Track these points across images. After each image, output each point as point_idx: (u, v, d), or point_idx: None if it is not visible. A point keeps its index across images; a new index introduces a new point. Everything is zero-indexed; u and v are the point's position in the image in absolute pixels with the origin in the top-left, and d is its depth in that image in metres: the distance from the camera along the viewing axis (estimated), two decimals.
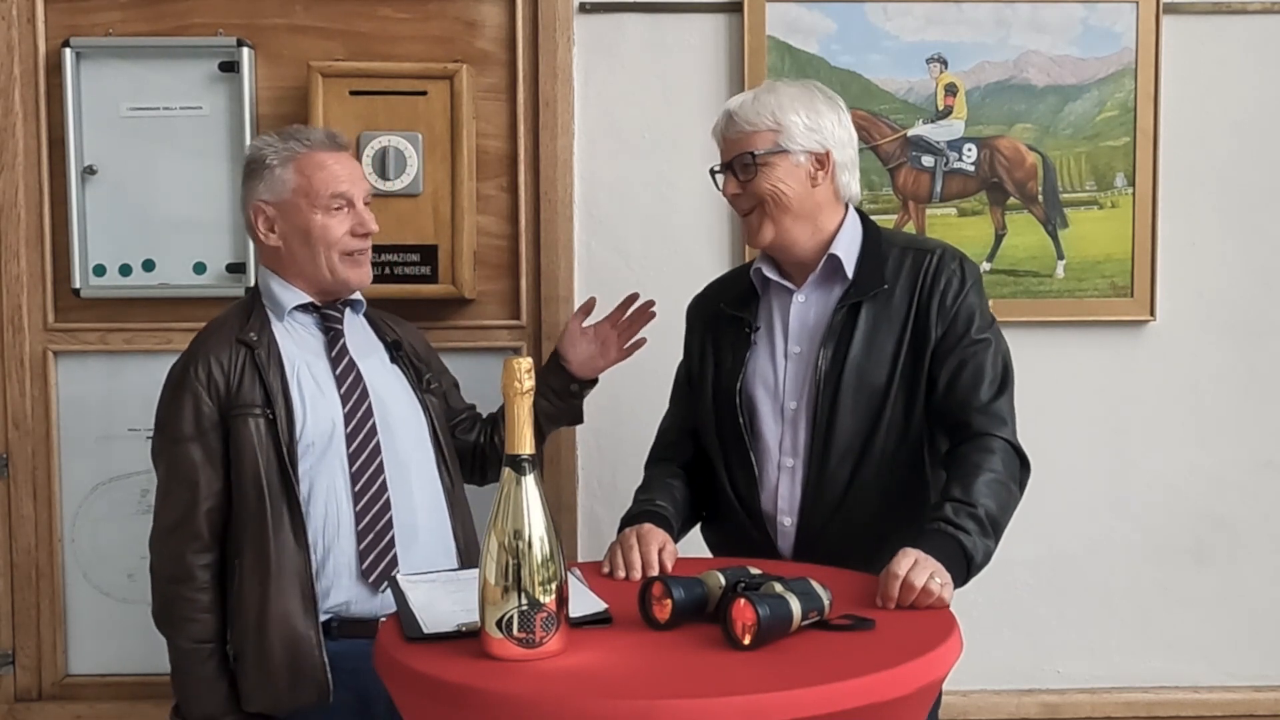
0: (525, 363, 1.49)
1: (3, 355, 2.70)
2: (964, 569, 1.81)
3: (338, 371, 2.07)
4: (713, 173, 2.08)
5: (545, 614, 1.47)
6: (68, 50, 2.62)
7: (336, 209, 2.07)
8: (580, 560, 2.47)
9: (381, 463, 2.05)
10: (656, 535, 1.92)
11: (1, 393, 2.71)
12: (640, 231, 2.74)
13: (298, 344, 2.09)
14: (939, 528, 1.82)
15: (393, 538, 2.03)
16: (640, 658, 1.50)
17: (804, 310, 2.04)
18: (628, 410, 2.75)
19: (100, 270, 2.68)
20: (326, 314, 2.12)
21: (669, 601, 1.59)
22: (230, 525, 2.03)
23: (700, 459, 2.15)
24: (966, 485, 1.87)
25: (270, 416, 2.00)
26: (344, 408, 2.04)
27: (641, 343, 2.35)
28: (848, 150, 2.04)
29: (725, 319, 2.12)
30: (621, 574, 1.87)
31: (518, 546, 1.47)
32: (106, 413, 2.73)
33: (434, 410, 2.17)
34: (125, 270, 2.69)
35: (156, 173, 2.67)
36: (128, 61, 2.65)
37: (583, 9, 2.71)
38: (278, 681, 1.99)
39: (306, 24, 2.68)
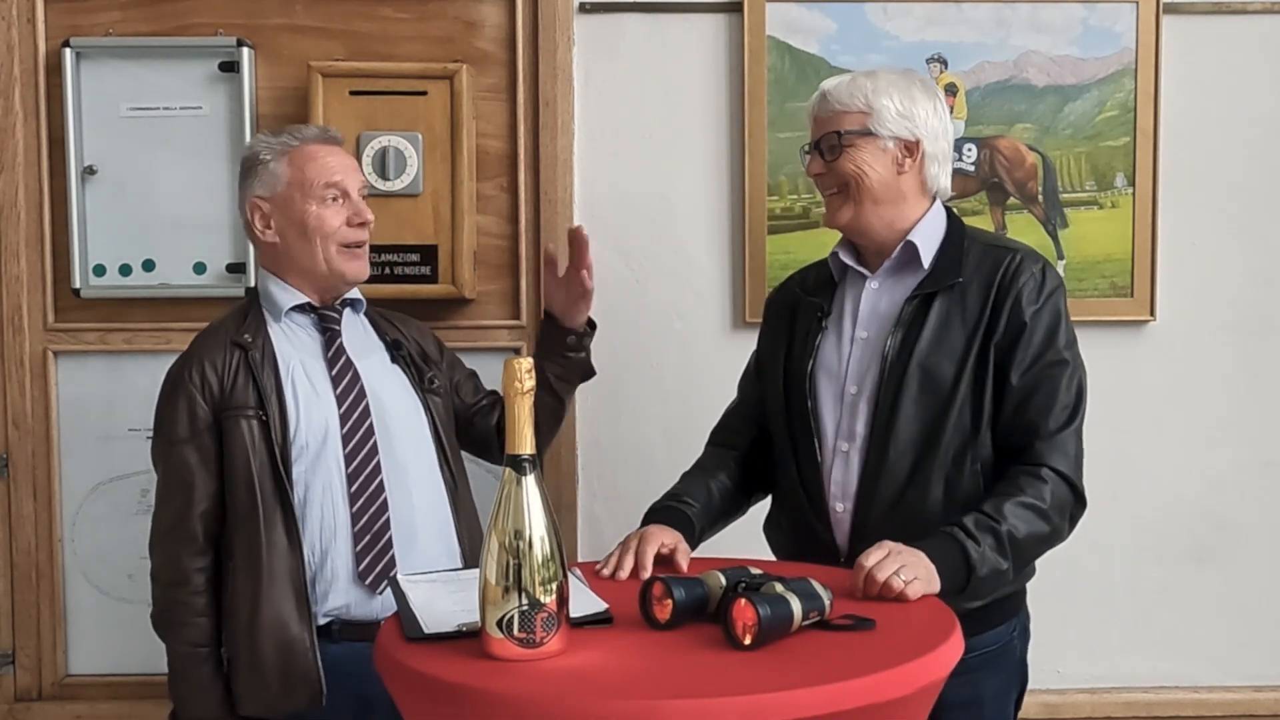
0: (525, 363, 1.49)
1: (3, 355, 2.70)
2: (963, 577, 1.78)
3: (334, 372, 2.07)
4: (802, 151, 2.06)
5: (546, 614, 1.47)
6: (68, 50, 2.62)
7: (332, 200, 2.06)
8: (580, 560, 2.47)
9: (379, 464, 2.04)
10: (658, 536, 1.91)
11: (1, 393, 2.71)
12: (640, 231, 2.74)
13: (294, 345, 2.08)
14: (950, 531, 1.81)
15: (390, 539, 2.02)
16: (640, 658, 1.50)
17: (876, 297, 2.02)
18: (628, 410, 2.76)
19: (100, 270, 2.68)
20: (324, 314, 2.11)
21: (669, 601, 1.58)
22: (225, 528, 2.03)
23: (758, 445, 2.13)
24: (999, 503, 1.84)
25: (263, 418, 2.00)
26: (339, 408, 2.04)
27: (589, 265, 2.21)
28: (940, 142, 2.00)
29: (801, 305, 2.10)
30: (607, 573, 1.86)
31: (518, 546, 1.47)
32: (106, 413, 2.73)
33: (436, 410, 2.16)
34: (125, 270, 2.69)
35: (156, 173, 2.67)
36: (128, 61, 2.65)
37: (583, 9, 2.71)
38: (270, 685, 1.99)
39: (306, 24, 2.68)
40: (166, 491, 2.05)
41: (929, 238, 1.99)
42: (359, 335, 2.16)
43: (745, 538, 2.17)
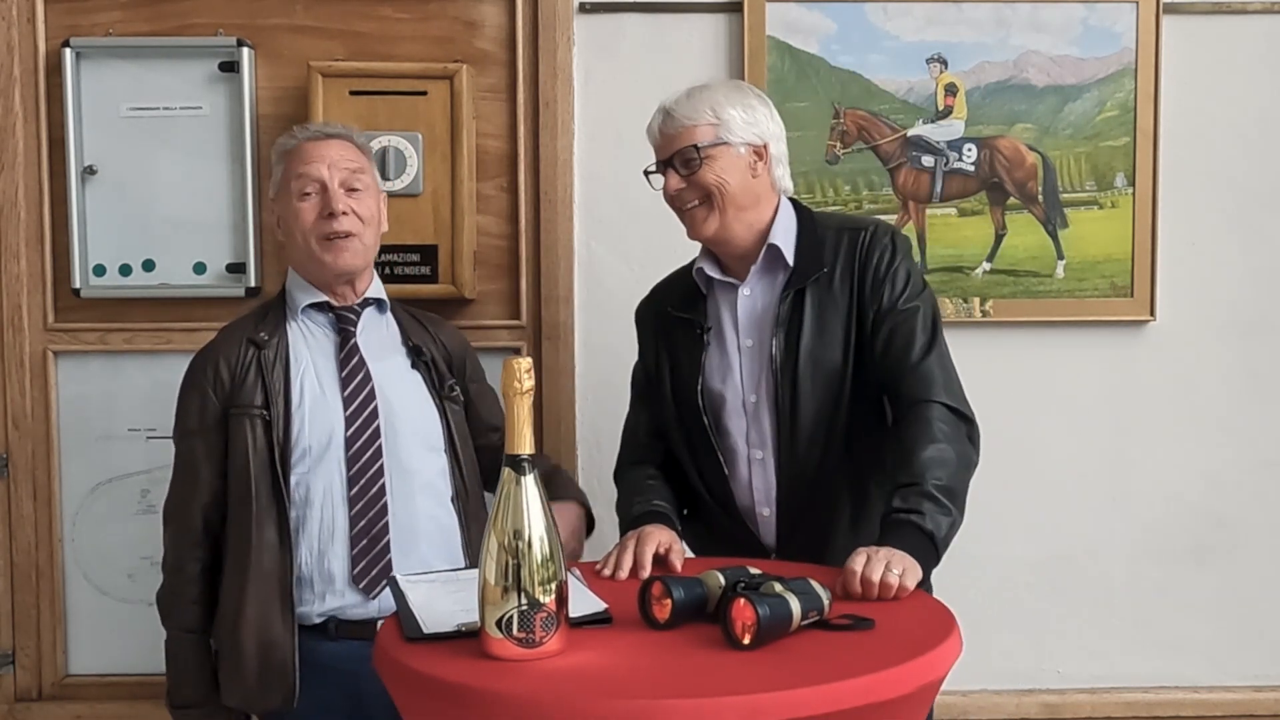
0: (525, 363, 1.49)
1: (3, 355, 2.70)
2: (931, 550, 1.81)
3: (344, 373, 2.07)
4: (648, 174, 2.11)
5: (545, 614, 1.47)
6: (68, 50, 2.62)
7: (306, 193, 2.07)
8: (580, 560, 2.46)
9: (382, 468, 2.04)
10: (656, 536, 1.92)
11: (1, 393, 2.71)
12: (640, 231, 2.74)
13: (309, 345, 2.09)
14: (894, 519, 1.84)
15: (388, 544, 2.03)
16: (640, 658, 1.50)
17: (750, 303, 2.07)
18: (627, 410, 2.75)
19: (100, 270, 2.68)
20: (341, 314, 2.12)
21: (669, 601, 1.59)
22: (224, 521, 2.05)
23: (671, 458, 2.16)
24: (910, 464, 1.87)
25: (267, 418, 2.01)
26: (346, 410, 2.04)
27: None
28: (780, 144, 2.08)
29: (674, 321, 2.13)
30: (607, 573, 1.87)
31: (517, 546, 1.47)
32: (106, 413, 2.73)
33: (454, 418, 2.15)
34: (125, 270, 2.69)
35: (156, 173, 2.67)
36: (128, 61, 2.65)
37: (583, 9, 2.71)
38: (248, 680, 2.01)
39: (306, 24, 2.68)
40: (175, 480, 2.10)
41: (786, 234, 2.06)
42: (380, 336, 2.15)
43: None
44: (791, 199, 2.12)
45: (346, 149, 2.13)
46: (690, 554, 2.05)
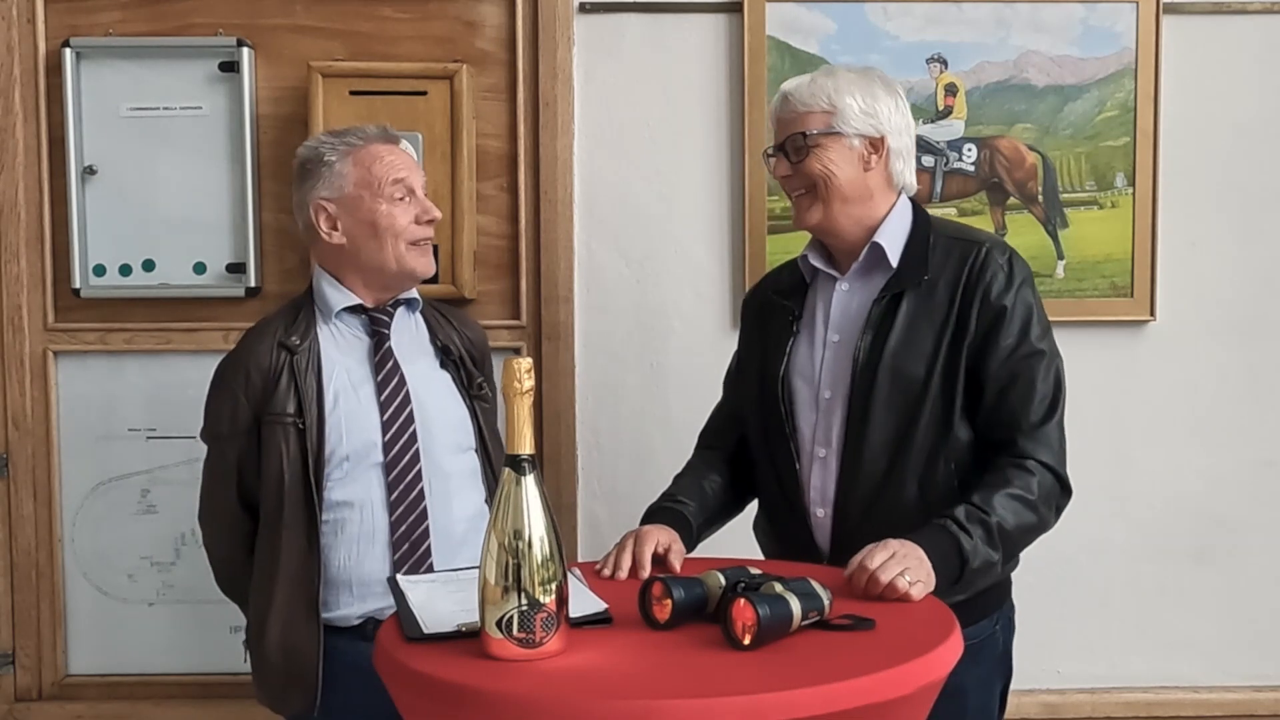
0: (525, 363, 1.49)
1: (3, 355, 2.70)
2: (956, 569, 1.79)
3: (379, 378, 2.05)
4: (766, 155, 2.06)
5: (545, 614, 1.47)
6: (68, 50, 2.62)
7: (399, 198, 2.05)
8: (580, 560, 2.47)
9: (420, 472, 2.04)
10: (655, 536, 1.91)
11: (1, 393, 2.71)
12: (640, 231, 2.74)
13: (341, 348, 2.07)
14: (942, 524, 1.81)
15: (429, 548, 2.03)
16: (640, 658, 1.50)
17: (846, 299, 2.02)
18: (628, 410, 2.76)
19: (100, 270, 2.68)
20: (374, 316, 2.10)
21: (669, 601, 1.58)
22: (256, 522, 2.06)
23: (744, 446, 2.14)
24: (988, 495, 1.85)
25: (300, 426, 2.00)
26: (383, 416, 2.03)
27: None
28: (903, 138, 2.00)
29: (773, 308, 2.10)
30: (607, 573, 1.87)
31: (518, 546, 1.47)
32: (106, 413, 2.73)
33: (484, 416, 2.15)
34: (125, 270, 2.69)
35: (156, 173, 2.67)
36: (128, 61, 2.65)
37: (583, 9, 2.71)
38: (273, 684, 2.02)
39: (306, 24, 2.68)
40: (208, 479, 2.11)
41: (895, 235, 1.99)
42: (410, 336, 2.14)
43: (744, 538, 2.17)
44: (913, 200, 2.05)
45: (411, 155, 2.14)
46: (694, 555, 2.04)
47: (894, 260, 1.98)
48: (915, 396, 1.92)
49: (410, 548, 2.02)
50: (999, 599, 2.03)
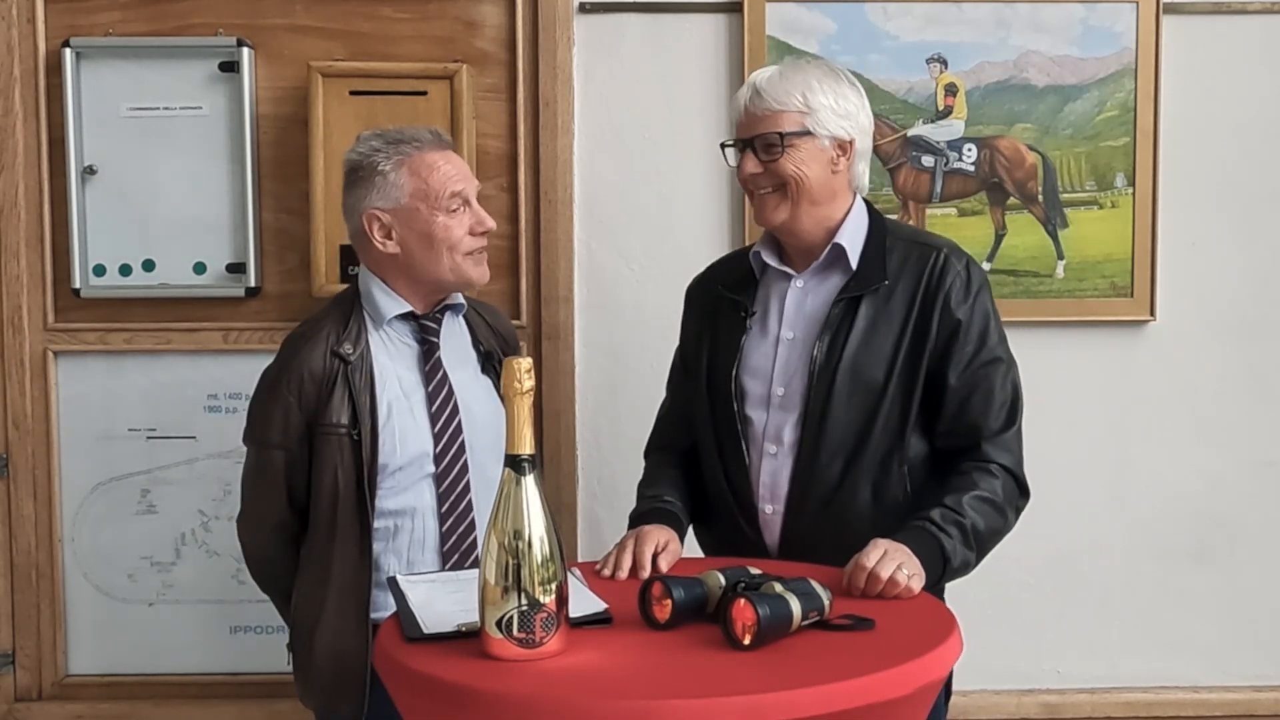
0: (525, 363, 1.49)
1: (3, 355, 2.70)
2: (939, 569, 1.82)
3: (430, 388, 2.05)
4: (724, 146, 2.03)
5: (545, 614, 1.47)
6: (68, 50, 2.62)
7: (454, 209, 2.03)
8: (580, 560, 2.47)
9: (468, 483, 2.04)
10: (655, 536, 1.91)
11: (1, 393, 2.71)
12: (640, 231, 2.74)
13: (391, 356, 2.06)
14: (922, 525, 1.84)
15: (477, 558, 2.03)
16: (640, 658, 1.50)
17: (801, 297, 2.02)
18: (628, 410, 2.75)
19: (100, 270, 2.68)
20: (424, 324, 2.08)
21: (669, 601, 1.58)
22: (305, 527, 2.05)
23: (698, 446, 2.13)
24: (959, 497, 1.88)
25: (355, 437, 1.98)
26: (434, 427, 2.03)
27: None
28: (867, 139, 2.01)
29: (724, 302, 2.09)
30: (607, 573, 1.87)
31: (518, 546, 1.47)
32: (106, 413, 2.73)
33: None
34: (125, 270, 2.69)
35: (156, 173, 2.67)
36: (128, 61, 2.65)
37: (583, 9, 2.71)
38: (320, 688, 2.03)
39: (306, 24, 2.68)
40: (254, 484, 2.07)
41: (854, 236, 2.00)
42: (455, 342, 2.13)
43: None
44: (867, 201, 2.06)
45: (464, 161, 2.11)
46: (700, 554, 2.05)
47: (854, 261, 1.99)
48: (873, 399, 1.94)
49: (460, 557, 2.03)
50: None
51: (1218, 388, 2.78)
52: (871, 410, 1.94)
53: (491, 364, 2.15)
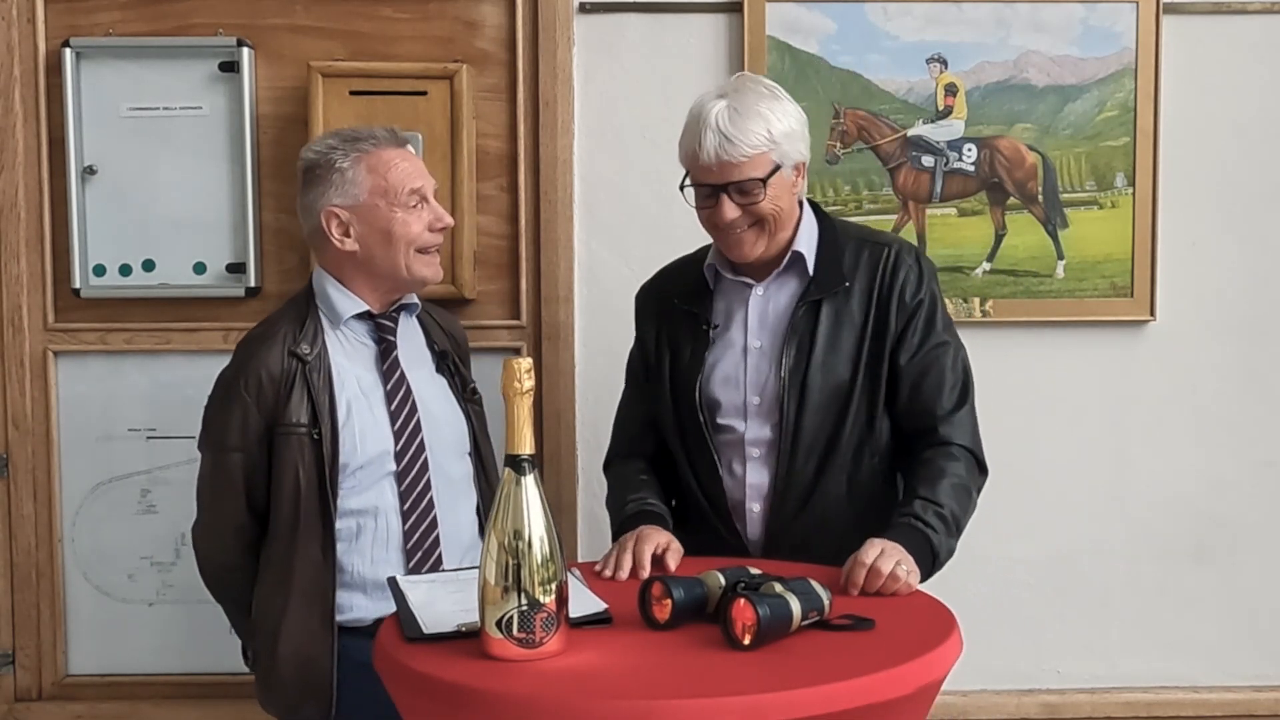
0: (525, 363, 1.49)
1: (3, 355, 2.70)
2: (930, 563, 1.87)
3: (388, 387, 2.04)
4: (682, 188, 2.03)
5: (545, 614, 1.47)
6: (68, 50, 2.62)
7: (413, 206, 2.03)
8: (580, 560, 2.46)
9: (429, 480, 2.04)
10: (654, 536, 1.91)
11: (1, 393, 2.71)
12: (640, 231, 2.74)
13: (349, 355, 2.05)
14: (908, 522, 1.89)
15: (441, 555, 2.04)
16: (640, 658, 1.50)
17: (763, 305, 2.06)
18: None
19: (100, 270, 2.68)
20: (380, 323, 2.08)
21: (669, 601, 1.59)
22: (264, 533, 2.03)
23: (663, 450, 2.15)
24: (933, 486, 1.94)
25: (316, 437, 1.98)
26: (393, 426, 2.03)
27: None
28: (808, 151, 2.05)
29: (679, 313, 2.11)
30: (607, 574, 1.87)
31: (517, 546, 1.47)
32: (106, 413, 2.73)
33: (477, 420, 2.16)
34: (125, 270, 2.69)
35: (156, 173, 2.67)
36: (128, 61, 2.65)
37: (583, 9, 2.71)
38: (286, 692, 2.01)
39: (306, 24, 2.68)
40: (211, 490, 2.04)
41: (809, 242, 2.05)
42: (411, 342, 2.13)
43: None
44: (811, 202, 2.11)
45: (419, 159, 2.11)
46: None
47: (811, 266, 2.04)
48: (842, 398, 2.01)
49: (424, 555, 2.02)
50: None
51: (1218, 388, 2.78)
52: (841, 409, 2.01)
53: (446, 364, 2.16)
